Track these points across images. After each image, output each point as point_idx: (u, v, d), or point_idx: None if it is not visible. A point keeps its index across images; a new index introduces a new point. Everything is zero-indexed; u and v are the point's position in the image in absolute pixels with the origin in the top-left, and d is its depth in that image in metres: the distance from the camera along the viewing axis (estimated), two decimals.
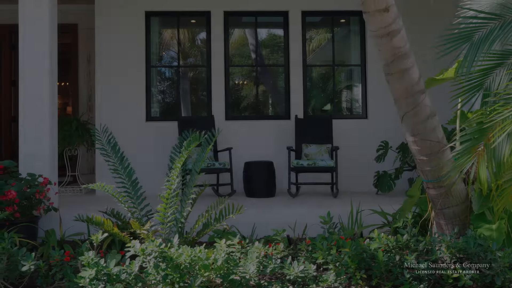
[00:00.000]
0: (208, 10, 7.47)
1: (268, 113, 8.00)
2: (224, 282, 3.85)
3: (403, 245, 3.91)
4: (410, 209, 4.83)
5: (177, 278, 3.77)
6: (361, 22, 7.61)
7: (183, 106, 7.85)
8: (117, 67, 7.34)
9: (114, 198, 6.57)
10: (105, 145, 4.80)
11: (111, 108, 7.30)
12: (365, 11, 3.87)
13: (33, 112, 5.71)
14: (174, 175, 4.31)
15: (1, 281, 3.95)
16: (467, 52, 3.39)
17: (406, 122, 4.12)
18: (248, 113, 8.20)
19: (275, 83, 8.17)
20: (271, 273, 3.93)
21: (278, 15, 7.64)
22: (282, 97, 7.68)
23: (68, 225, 5.43)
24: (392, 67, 3.97)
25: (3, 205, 5.06)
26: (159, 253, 3.82)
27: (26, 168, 5.58)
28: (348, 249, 3.90)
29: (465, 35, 3.42)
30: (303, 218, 5.57)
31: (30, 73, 5.74)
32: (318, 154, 6.86)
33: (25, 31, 5.78)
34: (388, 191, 6.60)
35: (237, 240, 4.12)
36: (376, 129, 7.41)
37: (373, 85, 7.50)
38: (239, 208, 4.52)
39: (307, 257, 4.14)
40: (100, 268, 3.76)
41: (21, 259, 3.93)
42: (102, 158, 7.12)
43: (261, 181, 6.76)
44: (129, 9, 7.38)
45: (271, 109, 8.14)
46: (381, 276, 3.85)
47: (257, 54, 7.96)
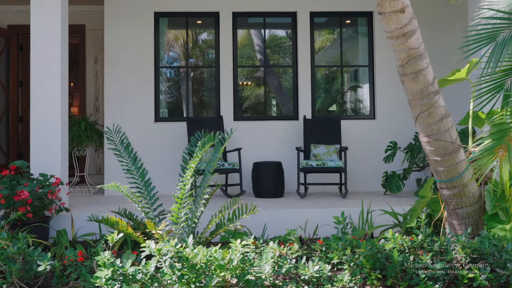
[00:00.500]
0: (216, 11, 7.48)
1: (276, 113, 8.01)
2: (240, 282, 3.86)
3: (418, 245, 3.92)
4: (422, 209, 4.83)
5: (193, 278, 3.78)
6: (369, 23, 7.63)
7: (191, 107, 7.87)
8: (126, 68, 7.35)
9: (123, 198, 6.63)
10: (118, 146, 4.80)
11: (119, 109, 7.32)
12: (381, 12, 3.87)
13: (45, 112, 5.73)
14: (188, 176, 4.32)
15: (17, 281, 3.96)
16: (491, 53, 3.39)
17: (420, 123, 4.13)
18: (256, 113, 8.21)
19: (283, 84, 8.18)
20: (286, 273, 3.94)
21: (287, 16, 7.66)
22: (290, 98, 7.70)
23: (79, 225, 5.45)
24: (407, 68, 3.98)
25: (16, 205, 5.08)
26: (175, 253, 3.84)
27: (37, 168, 5.60)
28: (363, 249, 3.91)
29: (487, 36, 3.43)
30: (313, 218, 5.60)
31: (42, 74, 5.77)
32: (327, 155, 6.87)
33: (37, 32, 5.80)
34: (397, 192, 6.61)
35: (251, 240, 4.13)
36: (383, 130, 7.43)
37: (381, 86, 7.52)
38: (252, 209, 4.53)
39: (321, 257, 4.15)
40: (116, 268, 3.78)
41: (37, 259, 3.94)
42: (111, 159, 7.23)
43: (270, 181, 6.77)
44: (138, 10, 7.39)
45: (279, 110, 8.15)
46: (396, 276, 3.86)
47: (265, 55, 7.98)
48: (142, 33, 7.39)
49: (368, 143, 7.39)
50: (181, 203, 4.39)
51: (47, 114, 5.74)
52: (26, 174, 5.44)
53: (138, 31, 7.38)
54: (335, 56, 8.34)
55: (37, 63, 5.78)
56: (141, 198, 4.56)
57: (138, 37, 7.38)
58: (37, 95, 5.76)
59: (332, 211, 5.78)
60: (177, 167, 7.11)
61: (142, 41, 7.39)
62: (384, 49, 7.52)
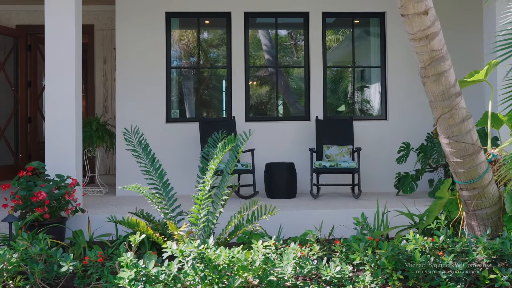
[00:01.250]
0: (228, 11, 7.48)
1: (287, 114, 8.02)
2: (262, 283, 3.87)
3: (439, 246, 3.94)
4: (439, 210, 4.85)
5: (216, 279, 3.79)
6: (381, 24, 7.64)
7: (202, 107, 7.88)
8: (137, 68, 7.36)
9: (135, 199, 6.64)
10: (136, 147, 4.81)
11: (131, 109, 7.32)
12: (404, 14, 3.89)
13: (59, 113, 5.74)
14: (208, 177, 4.33)
15: (39, 282, 3.97)
16: None
17: (441, 125, 4.14)
18: (268, 114, 8.24)
19: (294, 84, 8.19)
20: (308, 274, 3.95)
21: (298, 16, 7.66)
22: (302, 98, 7.71)
23: (94, 225, 5.46)
24: (429, 69, 3.99)
25: (33, 206, 5.09)
26: (198, 254, 3.85)
27: (52, 169, 5.60)
28: (385, 250, 3.92)
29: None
30: (328, 219, 5.61)
31: (56, 74, 5.78)
32: (340, 155, 6.89)
33: (51, 32, 5.81)
34: (410, 192, 6.63)
35: (272, 241, 4.14)
36: (395, 130, 7.44)
37: (393, 87, 7.53)
38: (271, 210, 4.54)
39: (342, 258, 4.17)
40: (139, 269, 3.79)
41: (60, 260, 3.95)
42: (123, 159, 7.23)
43: (283, 182, 6.78)
44: (150, 10, 7.39)
45: (291, 110, 8.16)
46: (418, 277, 3.87)
47: (277, 55, 7.99)
48: (153, 33, 7.39)
49: (379, 143, 7.40)
50: (201, 204, 4.41)
51: (61, 114, 5.75)
52: (43, 175, 5.44)
53: (149, 31, 7.39)
54: (341, 56, 8.36)
55: (52, 64, 5.78)
56: (160, 199, 4.56)
57: (149, 37, 7.39)
58: (52, 96, 5.76)
59: (348, 212, 5.80)
60: (190, 168, 7.17)
61: (153, 41, 7.39)
62: (396, 50, 7.54)
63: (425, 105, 7.39)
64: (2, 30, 8.51)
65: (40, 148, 9.39)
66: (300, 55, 7.95)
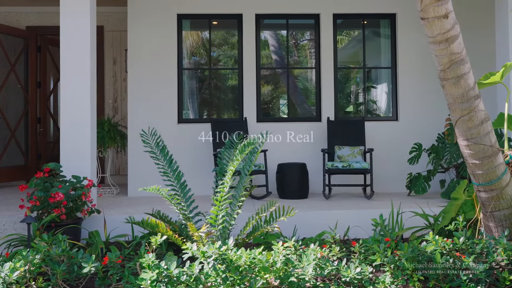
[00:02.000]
0: (240, 13, 7.51)
1: (298, 115, 8.03)
2: (283, 284, 3.90)
3: (459, 247, 3.96)
4: (455, 211, 4.87)
5: (237, 280, 3.82)
6: (392, 25, 7.66)
7: (214, 108, 7.90)
8: (149, 69, 7.38)
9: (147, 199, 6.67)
10: (153, 148, 4.84)
11: (143, 111, 7.35)
12: (424, 18, 3.91)
13: (75, 113, 5.77)
14: (228, 178, 4.35)
15: (61, 282, 4.00)
16: None
17: (459, 127, 4.16)
18: (279, 115, 8.27)
19: (301, 85, 8.22)
20: (328, 275, 3.98)
21: (309, 18, 7.69)
22: (313, 99, 7.73)
23: (109, 226, 5.48)
24: (448, 72, 4.02)
25: (50, 207, 5.11)
26: (219, 256, 3.87)
27: (67, 169, 5.62)
28: (405, 251, 3.94)
29: None
30: (343, 219, 5.63)
31: (72, 74, 5.79)
32: (351, 156, 6.91)
33: (67, 33, 5.82)
34: (422, 193, 6.65)
35: (292, 242, 4.16)
36: (406, 131, 7.47)
37: (404, 88, 7.56)
38: (289, 211, 4.57)
39: (361, 259, 4.19)
40: (161, 270, 3.81)
41: (82, 261, 3.98)
42: (134, 160, 7.26)
43: (295, 182, 6.81)
44: (161, 12, 7.42)
45: (299, 111, 8.18)
46: (438, 278, 3.90)
47: (288, 56, 8.02)
48: (165, 35, 7.42)
49: (390, 144, 7.43)
50: (220, 205, 4.43)
51: (76, 116, 5.77)
52: (59, 176, 5.46)
53: (161, 32, 7.41)
54: (347, 57, 8.39)
55: (67, 65, 5.80)
56: (179, 200, 4.59)
57: (161, 39, 7.41)
58: (67, 97, 5.78)
59: (361, 213, 5.83)
60: (201, 168, 7.20)
61: (165, 43, 7.41)
62: (407, 51, 7.56)
63: (435, 106, 7.47)
64: (13, 31, 8.53)
65: (49, 148, 9.42)
66: (303, 55, 7.97)
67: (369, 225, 5.60)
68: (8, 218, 5.56)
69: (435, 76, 7.42)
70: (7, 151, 8.36)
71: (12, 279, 3.55)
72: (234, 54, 7.78)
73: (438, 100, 7.49)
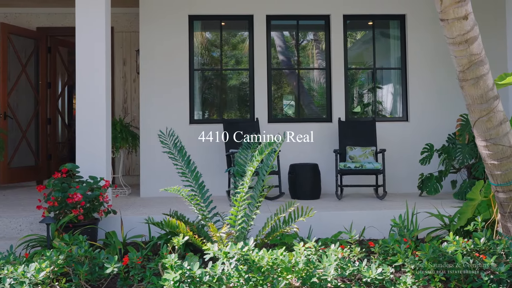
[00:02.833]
0: (251, 14, 7.53)
1: (309, 115, 8.05)
2: (305, 285, 3.93)
3: (481, 248, 3.99)
4: (472, 212, 4.90)
5: (260, 281, 3.85)
6: (401, 26, 7.69)
7: (225, 109, 7.92)
8: (161, 70, 7.40)
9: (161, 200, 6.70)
10: (171, 149, 4.86)
11: (155, 111, 7.37)
12: (443, 19, 3.94)
13: (91, 114, 5.79)
14: (248, 179, 4.38)
15: (83, 283, 4.02)
16: None
17: (478, 128, 4.19)
18: (289, 116, 8.30)
19: (307, 86, 8.24)
20: (350, 275, 4.00)
21: (320, 19, 7.71)
22: (324, 100, 7.76)
23: (125, 226, 5.49)
24: (467, 73, 4.04)
25: (68, 207, 5.14)
26: (241, 256, 3.90)
27: (83, 170, 5.64)
28: (426, 252, 3.97)
29: None
30: (357, 220, 5.65)
31: (88, 75, 5.83)
32: (363, 157, 6.94)
33: (83, 33, 5.85)
34: (435, 193, 6.67)
35: (312, 243, 4.19)
36: (416, 132, 7.50)
37: (414, 88, 7.58)
38: (308, 211, 4.59)
39: (380, 259, 4.22)
40: (184, 271, 3.84)
41: (105, 262, 4.00)
42: (146, 161, 7.29)
43: (308, 183, 6.83)
44: (173, 13, 7.44)
45: (306, 111, 8.19)
46: (459, 279, 3.92)
47: (298, 57, 8.05)
48: (176, 36, 7.44)
49: (401, 145, 7.46)
50: (239, 206, 4.46)
51: (92, 116, 5.80)
52: (75, 176, 5.49)
53: (172, 33, 7.44)
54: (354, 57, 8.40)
55: (83, 67, 5.84)
56: (199, 201, 4.61)
57: (173, 39, 7.43)
58: (83, 97, 5.81)
59: (375, 213, 5.85)
60: (214, 169, 7.22)
61: (176, 44, 7.44)
62: (416, 52, 7.59)
63: (444, 107, 7.51)
64: (23, 32, 8.56)
65: (58, 149, 9.44)
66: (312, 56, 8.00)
67: (384, 225, 5.65)
68: (24, 218, 5.59)
69: (445, 77, 7.51)
70: (18, 151, 8.39)
71: (38, 280, 3.57)
72: (245, 54, 7.80)
73: (447, 100, 7.53)
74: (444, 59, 7.57)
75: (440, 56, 7.56)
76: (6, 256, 3.96)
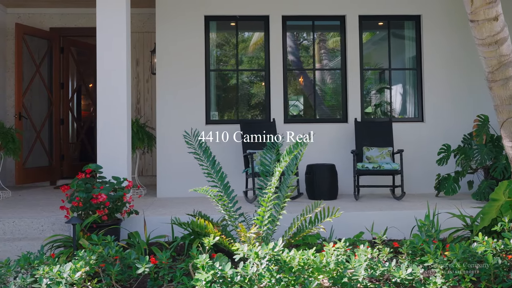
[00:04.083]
0: (266, 14, 7.55)
1: (325, 116, 8.04)
2: (336, 285, 3.94)
3: (510, 248, 4.01)
4: (496, 212, 4.92)
5: (291, 281, 3.86)
6: (417, 26, 7.70)
7: (241, 110, 7.93)
8: (177, 71, 7.41)
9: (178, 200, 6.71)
10: (197, 149, 4.88)
11: (171, 112, 7.38)
12: (473, 20, 3.96)
13: (112, 115, 5.80)
14: (276, 179, 4.40)
15: (114, 283, 4.04)
16: None
17: (506, 128, 4.21)
18: (305, 116, 8.31)
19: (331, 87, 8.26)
20: (380, 275, 4.02)
21: (335, 19, 7.73)
22: (339, 100, 7.77)
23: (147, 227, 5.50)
24: (496, 74, 4.07)
25: (92, 208, 5.15)
26: (272, 256, 3.91)
27: (104, 171, 5.65)
28: (456, 252, 3.99)
29: None
30: (377, 220, 5.66)
31: (109, 75, 5.82)
32: (380, 157, 6.96)
33: (104, 33, 5.85)
34: (452, 194, 6.68)
35: (342, 243, 4.20)
36: (432, 132, 7.52)
37: (429, 89, 7.60)
38: (335, 212, 4.61)
39: (409, 259, 4.24)
40: (215, 271, 3.85)
41: (136, 262, 4.01)
42: (163, 161, 7.30)
43: (325, 183, 6.85)
44: (189, 13, 7.45)
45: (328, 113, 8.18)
46: (489, 279, 3.94)
47: (314, 58, 8.07)
48: (192, 36, 7.45)
49: (416, 145, 7.47)
50: (266, 206, 4.48)
51: (113, 117, 5.81)
52: (99, 177, 5.50)
53: (188, 34, 7.44)
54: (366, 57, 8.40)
55: (105, 61, 5.81)
56: (226, 201, 4.63)
57: (189, 40, 7.44)
58: (104, 97, 5.81)
59: (396, 214, 5.87)
60: (231, 169, 7.20)
61: (192, 44, 7.44)
62: (432, 53, 7.61)
63: (459, 107, 7.54)
64: (37, 32, 8.57)
65: (70, 149, 9.46)
66: (335, 58, 8.02)
67: (404, 225, 5.67)
68: (46, 219, 5.60)
69: (459, 78, 7.55)
70: (33, 152, 8.40)
71: (74, 280, 3.58)
72: (261, 55, 7.81)
73: (462, 101, 7.56)
74: (459, 59, 7.60)
75: (455, 56, 7.58)
76: (39, 257, 3.97)
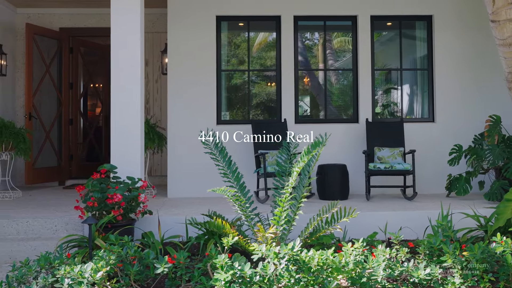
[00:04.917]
0: (278, 14, 7.55)
1: (336, 116, 8.04)
2: (355, 285, 3.94)
3: None
4: (511, 213, 4.91)
5: (311, 281, 3.87)
6: (428, 27, 7.70)
7: (252, 110, 7.93)
8: (188, 71, 7.42)
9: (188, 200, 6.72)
10: (213, 150, 4.88)
11: (182, 112, 7.39)
12: (494, 20, 3.95)
13: (125, 115, 5.79)
14: (293, 179, 4.40)
15: (133, 283, 4.04)
16: None
17: None
18: (316, 116, 8.31)
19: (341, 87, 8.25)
20: (399, 276, 4.02)
21: (347, 20, 7.73)
22: (350, 101, 7.77)
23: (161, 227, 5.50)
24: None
25: (107, 208, 5.15)
26: (291, 257, 3.91)
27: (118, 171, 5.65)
28: (475, 253, 3.99)
29: None
30: (390, 220, 5.65)
31: (123, 73, 5.81)
32: (392, 157, 6.95)
33: (119, 31, 5.84)
34: (464, 194, 6.68)
35: (360, 244, 4.20)
36: (442, 133, 7.52)
37: (440, 90, 7.60)
38: (351, 212, 4.61)
39: (426, 260, 4.24)
40: (235, 271, 3.85)
41: (155, 262, 4.02)
42: (173, 161, 7.31)
43: (336, 183, 6.85)
44: (201, 13, 7.46)
45: (338, 113, 8.18)
46: (508, 279, 3.94)
47: (325, 58, 8.07)
48: (204, 36, 7.45)
49: (427, 145, 7.47)
50: (283, 206, 4.48)
51: (127, 117, 5.80)
52: (113, 177, 5.50)
53: (200, 34, 7.45)
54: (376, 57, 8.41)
55: (119, 61, 5.81)
56: (243, 202, 4.63)
57: (200, 40, 7.45)
58: (118, 97, 5.80)
59: (408, 214, 5.86)
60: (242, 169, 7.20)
61: (204, 44, 7.45)
62: (443, 53, 7.60)
63: (469, 108, 7.53)
64: (47, 32, 8.59)
65: (78, 149, 9.46)
66: (345, 58, 8.02)
67: (417, 226, 5.67)
68: (60, 219, 5.60)
69: (469, 79, 7.55)
70: (42, 152, 8.41)
71: (96, 279, 3.59)
72: (273, 55, 7.81)
73: (472, 102, 7.56)
74: (469, 60, 7.60)
75: (466, 57, 7.58)
76: (59, 257, 3.97)
